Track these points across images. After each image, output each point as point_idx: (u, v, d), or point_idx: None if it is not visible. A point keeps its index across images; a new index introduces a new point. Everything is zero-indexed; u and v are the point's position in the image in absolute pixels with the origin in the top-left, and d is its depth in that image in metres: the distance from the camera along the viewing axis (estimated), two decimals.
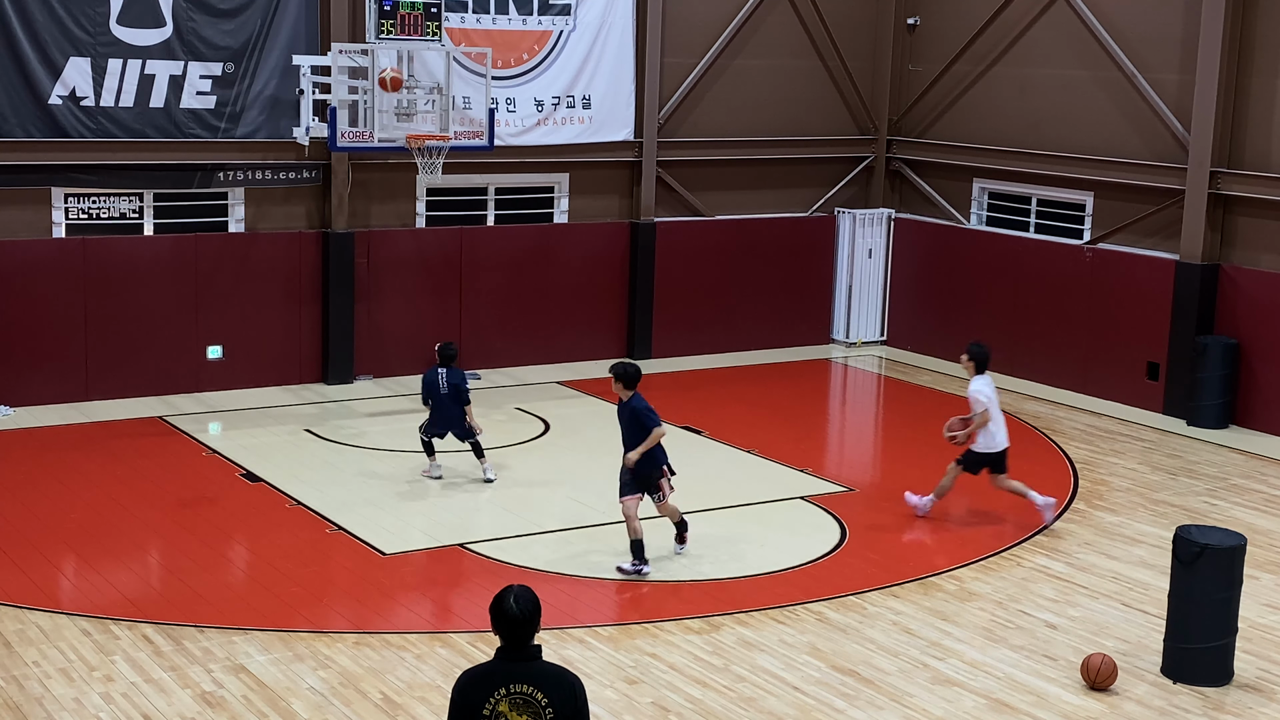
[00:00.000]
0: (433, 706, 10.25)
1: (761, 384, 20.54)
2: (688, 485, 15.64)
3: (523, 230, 20.73)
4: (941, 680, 11.03)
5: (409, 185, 19.79)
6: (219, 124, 18.45)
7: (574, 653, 11.21)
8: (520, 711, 6.14)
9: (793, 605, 12.36)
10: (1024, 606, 12.53)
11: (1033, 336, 20.81)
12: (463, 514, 14.55)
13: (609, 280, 21.32)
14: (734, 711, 10.39)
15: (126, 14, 17.71)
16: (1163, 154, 19.44)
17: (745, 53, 21.97)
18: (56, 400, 17.86)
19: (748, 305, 22.39)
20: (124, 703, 10.22)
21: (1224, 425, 18.53)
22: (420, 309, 19.93)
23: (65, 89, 17.52)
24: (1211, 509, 15.36)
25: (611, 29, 20.82)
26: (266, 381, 19.05)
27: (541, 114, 20.39)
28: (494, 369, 20.43)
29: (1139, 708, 10.67)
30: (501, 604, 6.22)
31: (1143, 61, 19.61)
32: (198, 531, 13.81)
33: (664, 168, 21.52)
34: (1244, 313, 18.52)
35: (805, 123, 22.64)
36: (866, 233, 22.91)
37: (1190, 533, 11.09)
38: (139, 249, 18.29)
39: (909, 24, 22.85)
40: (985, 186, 22.03)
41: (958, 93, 22.19)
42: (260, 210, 19.03)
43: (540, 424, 17.91)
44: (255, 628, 11.54)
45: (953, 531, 14.93)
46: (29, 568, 12.72)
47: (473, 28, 19.69)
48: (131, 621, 11.62)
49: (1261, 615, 12.45)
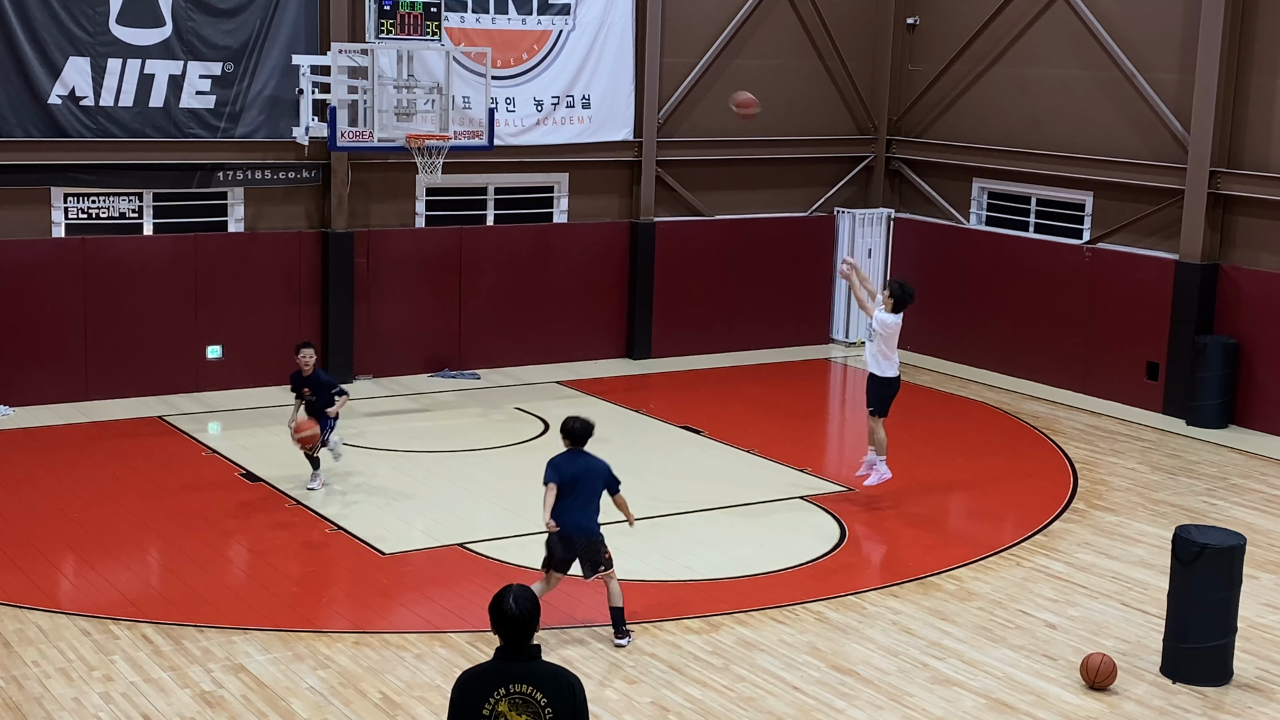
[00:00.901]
0: (432, 706, 10.25)
1: (761, 384, 20.54)
2: (688, 485, 15.66)
3: (522, 230, 20.73)
4: (941, 680, 11.03)
5: (409, 185, 19.79)
6: (218, 124, 18.45)
7: (574, 653, 11.21)
8: (520, 711, 6.14)
9: (792, 605, 12.36)
10: (1023, 606, 12.53)
11: (1032, 336, 20.81)
12: (463, 514, 14.55)
13: (609, 280, 21.32)
14: (734, 711, 10.39)
15: (126, 14, 17.71)
16: (1162, 154, 19.44)
17: (745, 52, 21.97)
18: (56, 400, 17.86)
19: (747, 305, 22.39)
20: (123, 702, 10.22)
21: (1224, 425, 18.52)
22: (420, 309, 19.93)
23: (65, 89, 17.52)
24: (1211, 509, 15.36)
25: (611, 29, 20.82)
26: (266, 381, 19.02)
27: (541, 114, 20.39)
28: (494, 369, 20.43)
29: (1138, 707, 10.67)
30: (500, 604, 6.22)
31: (1142, 61, 19.61)
32: (198, 531, 13.81)
33: (664, 167, 21.52)
34: (1244, 313, 18.52)
35: (805, 122, 22.64)
36: (866, 232, 22.91)
37: (1190, 532, 11.09)
38: (138, 249, 18.29)
39: (909, 24, 22.85)
40: (985, 186, 22.03)
41: (957, 92, 22.19)
42: (260, 210, 19.03)
43: (540, 424, 17.91)
44: (255, 627, 11.54)
45: (952, 531, 14.94)
46: (29, 568, 12.72)
47: (472, 27, 19.69)
48: (131, 621, 11.62)
49: (1261, 615, 12.45)
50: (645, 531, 14.06)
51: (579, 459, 11.21)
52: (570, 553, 11.21)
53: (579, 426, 11.21)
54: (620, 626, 11.38)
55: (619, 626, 11.37)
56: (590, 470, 11.17)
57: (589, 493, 11.16)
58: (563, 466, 11.13)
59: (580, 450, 11.24)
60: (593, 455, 11.28)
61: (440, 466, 15.97)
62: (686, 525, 14.36)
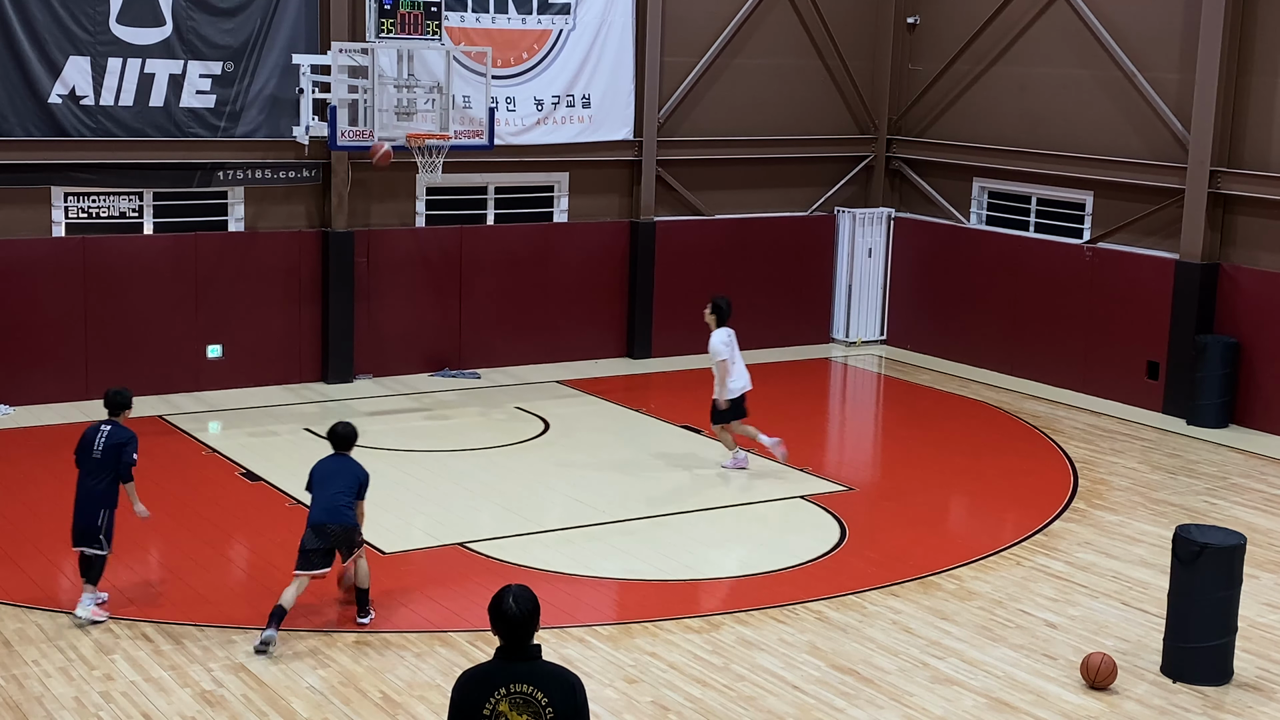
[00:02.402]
0: (432, 706, 10.25)
1: (761, 384, 20.47)
2: (688, 485, 15.66)
3: (522, 229, 20.73)
4: (941, 679, 11.03)
5: (409, 184, 19.78)
6: (219, 123, 18.45)
7: (574, 652, 11.21)
8: (520, 711, 6.14)
9: (793, 605, 12.36)
10: (1024, 605, 12.53)
11: (1033, 336, 20.81)
12: (463, 514, 14.55)
13: (609, 279, 21.32)
14: (734, 710, 10.39)
15: (126, 13, 17.70)
16: (1162, 153, 19.44)
17: (745, 52, 21.96)
18: (56, 399, 17.85)
19: (747, 305, 22.30)
20: (124, 702, 10.22)
21: (1224, 424, 18.52)
22: (420, 308, 19.93)
23: (65, 88, 17.52)
24: (1211, 508, 15.36)
25: (611, 28, 20.82)
26: (266, 381, 19.05)
27: (541, 113, 20.39)
28: (494, 368, 20.43)
29: (1139, 707, 10.67)
30: (500, 604, 6.22)
31: (1142, 61, 19.61)
32: (198, 531, 13.81)
33: (664, 167, 21.52)
34: (1244, 312, 18.52)
35: (805, 122, 22.64)
36: (866, 232, 22.90)
37: (1190, 532, 11.09)
38: (139, 248, 18.29)
39: (909, 23, 22.85)
40: (985, 186, 22.03)
41: (958, 92, 22.18)
42: (260, 209, 19.03)
43: (540, 423, 17.91)
44: (255, 627, 11.53)
45: (952, 531, 14.94)
46: (29, 567, 12.72)
47: (472, 27, 19.69)
48: (131, 620, 11.61)
49: (1261, 614, 12.45)
50: (645, 531, 14.09)
51: (338, 461, 11.75)
52: (325, 541, 11.49)
53: (341, 430, 11.82)
54: (364, 606, 11.73)
55: (363, 606, 11.74)
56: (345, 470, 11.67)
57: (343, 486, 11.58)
58: (321, 467, 11.70)
59: (343, 454, 11.80)
60: (352, 460, 11.78)
61: (440, 466, 15.97)
62: (686, 525, 14.36)
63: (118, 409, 11.78)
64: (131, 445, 11.63)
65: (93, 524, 11.50)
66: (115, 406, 11.79)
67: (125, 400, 11.82)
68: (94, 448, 11.57)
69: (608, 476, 15.91)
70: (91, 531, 11.51)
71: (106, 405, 11.84)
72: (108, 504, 11.59)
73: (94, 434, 11.63)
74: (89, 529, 11.51)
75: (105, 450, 11.54)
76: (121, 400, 11.80)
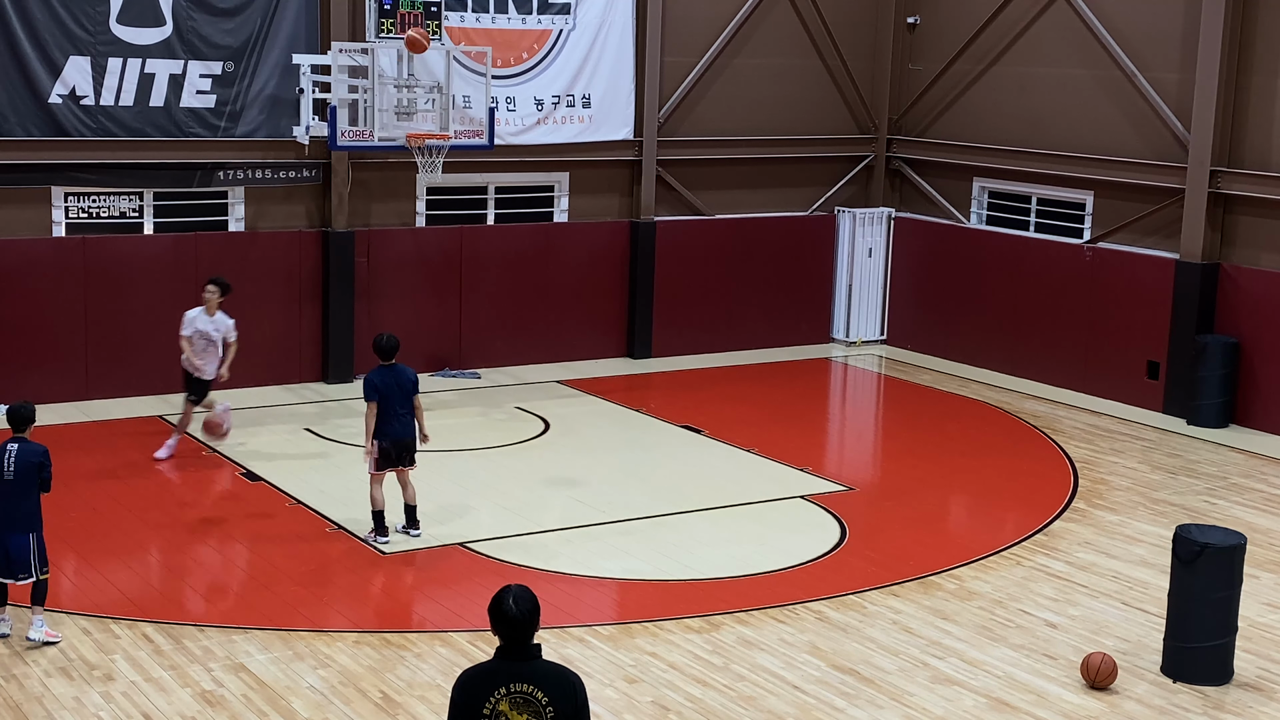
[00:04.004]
0: (432, 705, 10.25)
1: (761, 383, 20.53)
2: (688, 485, 15.66)
3: (523, 229, 20.73)
4: (941, 679, 11.03)
5: (409, 184, 19.78)
6: (219, 123, 18.45)
7: (574, 652, 11.21)
8: (521, 710, 6.14)
9: (793, 604, 12.36)
10: (1024, 605, 12.53)
11: (1033, 335, 20.80)
12: (463, 513, 14.55)
13: (609, 279, 21.32)
14: (734, 710, 10.39)
15: (126, 13, 17.70)
16: (1163, 153, 19.44)
17: (745, 52, 21.96)
18: (56, 399, 17.83)
19: (747, 304, 22.38)
20: (124, 701, 10.22)
21: (1224, 424, 18.52)
22: (420, 308, 19.93)
23: (65, 88, 17.52)
24: (1211, 508, 15.36)
25: (611, 28, 20.82)
26: (266, 381, 19.04)
27: (541, 113, 20.39)
28: (494, 368, 20.43)
29: (1139, 707, 10.67)
30: (500, 604, 6.21)
31: (1143, 61, 19.61)
32: (198, 531, 13.82)
33: (664, 167, 21.52)
34: (1244, 312, 18.52)
35: (805, 122, 22.63)
36: (866, 232, 22.90)
37: (1190, 532, 11.09)
38: (139, 248, 18.29)
39: (909, 23, 22.85)
40: (985, 185, 22.03)
41: (958, 92, 22.18)
42: (260, 209, 19.03)
43: (540, 423, 17.91)
44: (255, 627, 11.54)
45: (952, 531, 14.94)
46: None
47: (472, 27, 19.68)
48: (131, 620, 11.62)
49: (1261, 614, 12.45)
50: (645, 531, 14.09)
51: (390, 373, 13.16)
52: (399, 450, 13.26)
53: (385, 341, 13.27)
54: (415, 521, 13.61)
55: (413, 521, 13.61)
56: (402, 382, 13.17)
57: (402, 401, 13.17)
58: (378, 382, 13.10)
59: (391, 365, 13.22)
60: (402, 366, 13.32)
61: (440, 466, 15.96)
62: (686, 525, 14.36)
63: (24, 424, 11.04)
64: (48, 461, 10.94)
65: (21, 555, 10.82)
66: (22, 421, 11.04)
67: (31, 414, 11.11)
68: (3, 469, 10.79)
69: (608, 476, 15.91)
70: (22, 564, 10.83)
71: (11, 421, 11.07)
72: (33, 527, 10.88)
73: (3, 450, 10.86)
74: (17, 561, 10.81)
75: (18, 470, 10.79)
76: (28, 414, 11.08)
